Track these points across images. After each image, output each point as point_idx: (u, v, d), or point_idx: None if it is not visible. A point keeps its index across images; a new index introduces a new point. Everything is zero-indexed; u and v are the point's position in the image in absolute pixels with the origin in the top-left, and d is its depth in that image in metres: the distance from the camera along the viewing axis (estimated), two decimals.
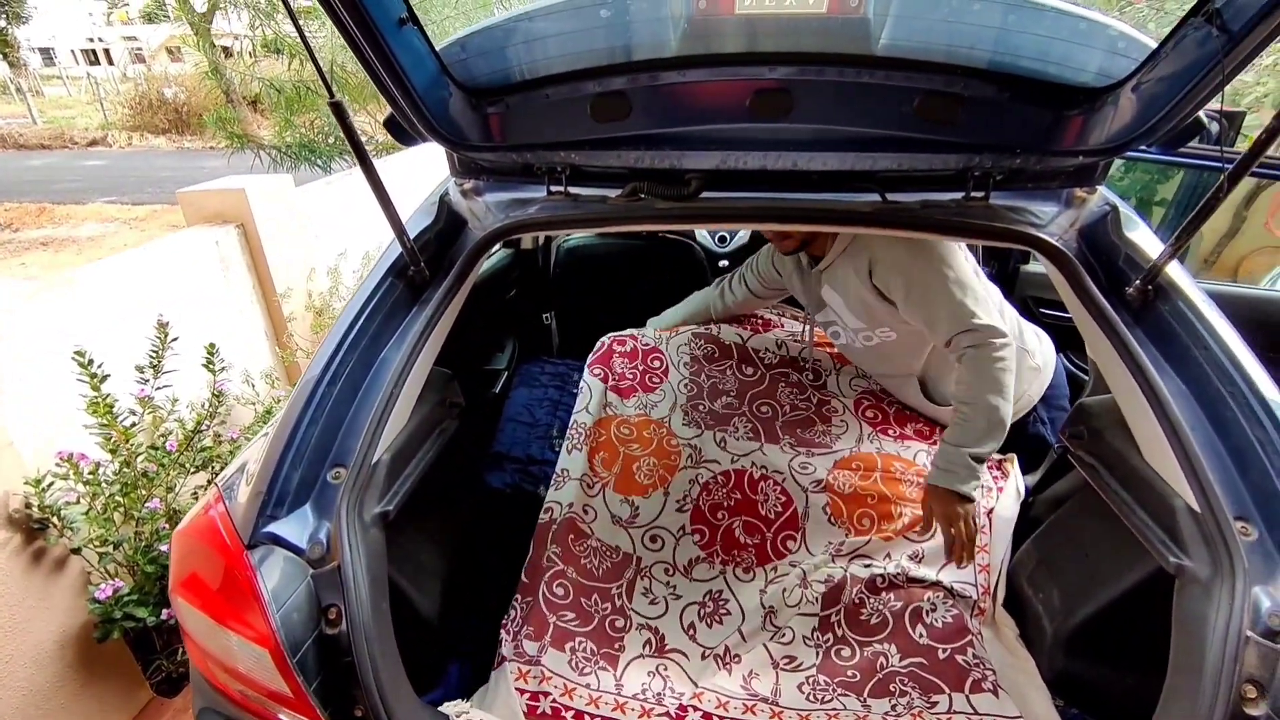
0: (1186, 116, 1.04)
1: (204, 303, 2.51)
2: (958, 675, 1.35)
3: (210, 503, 1.09)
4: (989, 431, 1.44)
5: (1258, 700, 0.86)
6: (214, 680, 1.08)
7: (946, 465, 1.46)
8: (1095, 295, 1.16)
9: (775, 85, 1.13)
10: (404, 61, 1.05)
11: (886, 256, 1.53)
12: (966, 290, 1.47)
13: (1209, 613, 0.92)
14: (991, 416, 1.44)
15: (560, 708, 1.31)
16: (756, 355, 1.99)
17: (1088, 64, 1.09)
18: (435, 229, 1.32)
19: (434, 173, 2.12)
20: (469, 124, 1.21)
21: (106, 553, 1.80)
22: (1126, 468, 1.18)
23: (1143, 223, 1.21)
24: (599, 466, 1.76)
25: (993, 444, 1.46)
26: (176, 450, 1.98)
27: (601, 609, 1.52)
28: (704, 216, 1.32)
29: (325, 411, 1.12)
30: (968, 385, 1.48)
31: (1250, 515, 0.96)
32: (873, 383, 1.92)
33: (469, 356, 2.35)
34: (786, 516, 1.63)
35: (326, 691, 0.99)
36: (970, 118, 1.13)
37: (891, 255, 1.52)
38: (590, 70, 1.15)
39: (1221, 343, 1.07)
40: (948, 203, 1.27)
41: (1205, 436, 1.02)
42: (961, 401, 1.49)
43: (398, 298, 1.26)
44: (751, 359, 1.98)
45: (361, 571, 1.02)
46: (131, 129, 15.59)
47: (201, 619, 0.99)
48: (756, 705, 1.34)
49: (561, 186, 1.32)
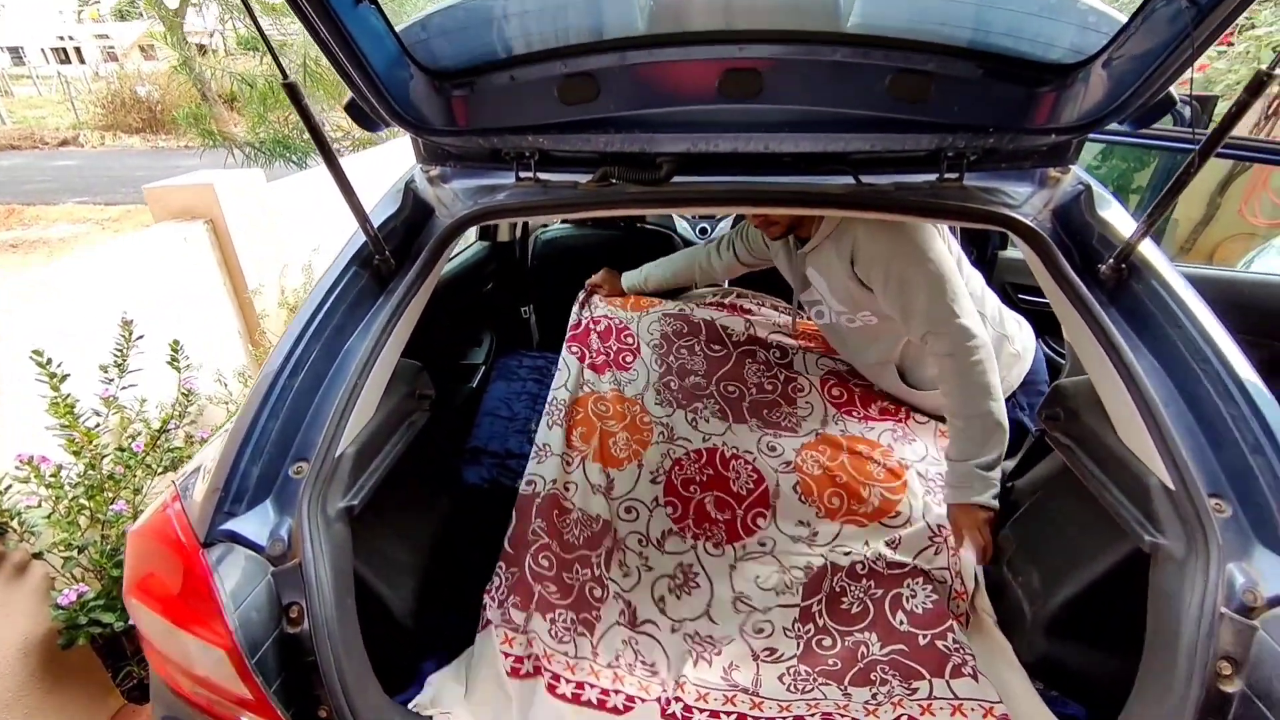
0: (1157, 92, 1.03)
1: (173, 301, 2.45)
2: (938, 661, 1.34)
3: (167, 502, 1.06)
4: (988, 437, 1.42)
5: (1233, 676, 0.85)
6: (174, 685, 1.04)
7: (957, 482, 1.44)
8: (1069, 275, 1.15)
9: (744, 65, 1.11)
10: (362, 42, 1.01)
11: (868, 248, 1.52)
12: (944, 288, 1.45)
13: (1184, 590, 0.91)
14: (986, 422, 1.42)
15: (541, 669, 1.33)
16: (725, 333, 1.99)
17: (1059, 40, 1.07)
18: (401, 217, 1.28)
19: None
20: (432, 107, 1.18)
21: (71, 557, 1.75)
22: (1102, 448, 1.18)
23: (1116, 202, 1.21)
24: (578, 441, 1.76)
25: (997, 448, 1.43)
26: (143, 451, 1.92)
27: (581, 576, 1.53)
28: (676, 201, 1.30)
29: (286, 405, 1.09)
30: (953, 396, 1.47)
31: (1224, 492, 0.95)
32: (839, 362, 1.92)
33: (444, 351, 2.31)
34: (758, 494, 1.63)
35: (289, 693, 0.95)
36: (942, 97, 1.12)
37: (873, 247, 1.51)
38: (556, 50, 1.12)
39: (1195, 320, 1.06)
40: (922, 184, 1.26)
41: (1179, 414, 1.02)
42: (952, 414, 1.48)
43: (362, 287, 1.22)
44: (720, 337, 1.98)
45: (325, 568, 0.99)
46: (104, 128, 15.31)
47: (157, 621, 0.95)
48: (737, 696, 1.33)
49: (530, 172, 1.29)
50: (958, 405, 1.46)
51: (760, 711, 1.29)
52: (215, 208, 2.65)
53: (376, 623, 1.27)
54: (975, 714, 1.24)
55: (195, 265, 2.58)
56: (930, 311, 1.46)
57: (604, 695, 1.31)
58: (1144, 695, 0.96)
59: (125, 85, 15.58)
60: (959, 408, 1.46)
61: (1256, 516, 0.93)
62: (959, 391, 1.45)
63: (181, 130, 9.31)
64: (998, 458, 1.43)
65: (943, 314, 1.45)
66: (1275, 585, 0.87)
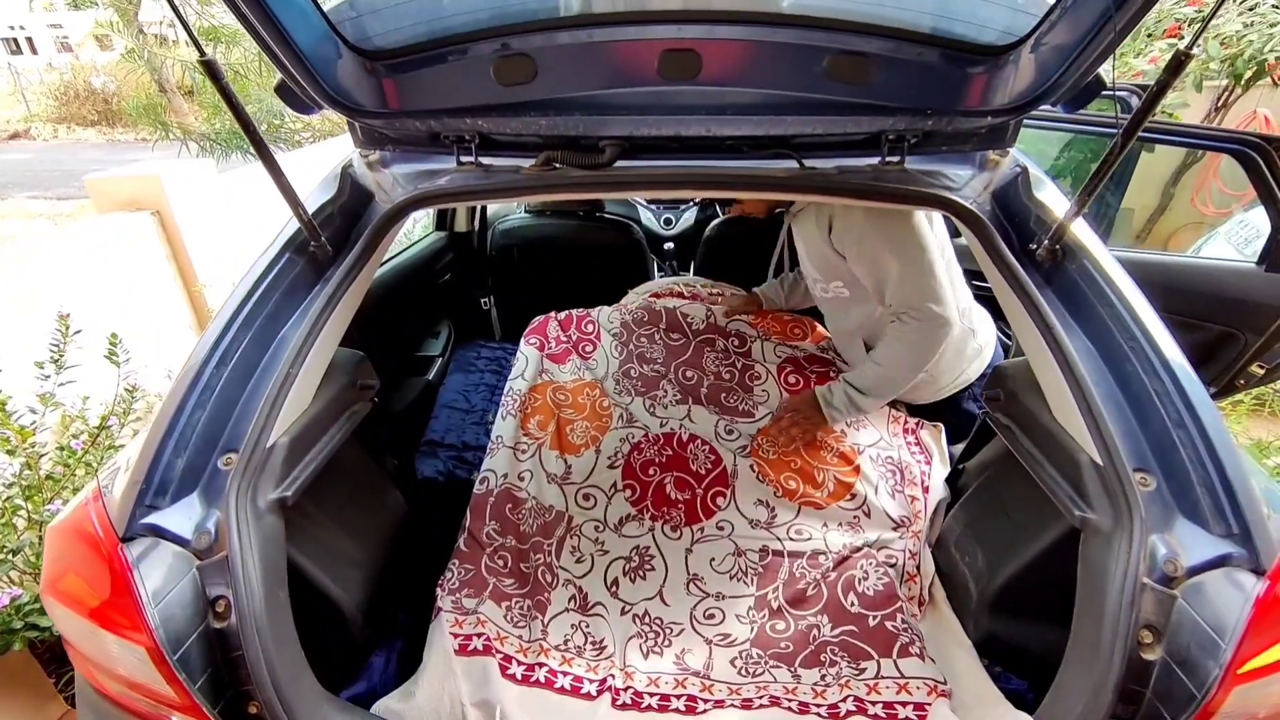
0: (1086, 74, 1.04)
1: (120, 295, 2.37)
2: (886, 641, 1.36)
3: (88, 498, 1.02)
4: (878, 387, 1.58)
5: (1154, 645, 0.87)
6: (99, 687, 1.00)
7: (827, 390, 1.64)
8: (1007, 256, 1.16)
9: (683, 46, 1.10)
10: (284, 18, 0.98)
11: (844, 217, 1.55)
12: (913, 261, 1.47)
13: (1109, 562, 0.93)
14: (889, 373, 1.56)
15: (491, 647, 1.33)
16: (685, 321, 1.99)
17: (991, 22, 1.08)
18: (338, 203, 1.25)
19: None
20: (364, 89, 1.15)
21: (5, 560, 1.68)
22: (1038, 427, 1.19)
23: (1051, 183, 1.22)
24: (534, 429, 1.76)
25: (875, 399, 1.60)
26: (82, 450, 1.86)
27: (535, 563, 1.53)
28: (620, 184, 1.28)
29: (215, 395, 1.05)
30: (887, 349, 1.55)
31: (1149, 466, 0.97)
32: (797, 349, 1.93)
33: (400, 342, 2.28)
34: (716, 474, 1.64)
35: (218, 690, 0.93)
36: (880, 79, 1.12)
37: (849, 218, 1.53)
38: (490, 29, 1.10)
39: (1124, 299, 1.08)
40: (864, 167, 1.26)
41: (1108, 391, 1.04)
42: (874, 359, 1.57)
43: (297, 274, 1.19)
44: (680, 325, 1.99)
45: (254, 560, 0.96)
46: (57, 121, 14.80)
47: (76, 620, 0.92)
48: (687, 679, 1.33)
49: (472, 156, 1.27)
50: (883, 354, 1.57)
51: (710, 694, 1.29)
52: (162, 199, 2.57)
53: (321, 617, 1.24)
54: (921, 691, 1.26)
55: (142, 258, 2.50)
56: (900, 291, 1.49)
57: (552, 675, 1.30)
58: (1072, 665, 0.98)
59: (79, 77, 15.07)
60: (883, 356, 1.57)
61: (1178, 489, 0.95)
62: (893, 351, 1.55)
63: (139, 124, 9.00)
64: (866, 403, 1.60)
65: (912, 296, 1.48)
66: (1195, 556, 0.89)
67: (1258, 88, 4.51)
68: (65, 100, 14.91)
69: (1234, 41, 4.15)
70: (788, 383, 1.85)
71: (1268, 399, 3.39)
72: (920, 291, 1.47)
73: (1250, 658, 0.83)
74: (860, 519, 1.56)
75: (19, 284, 1.99)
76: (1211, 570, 0.88)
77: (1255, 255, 2.04)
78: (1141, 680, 0.87)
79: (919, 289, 1.47)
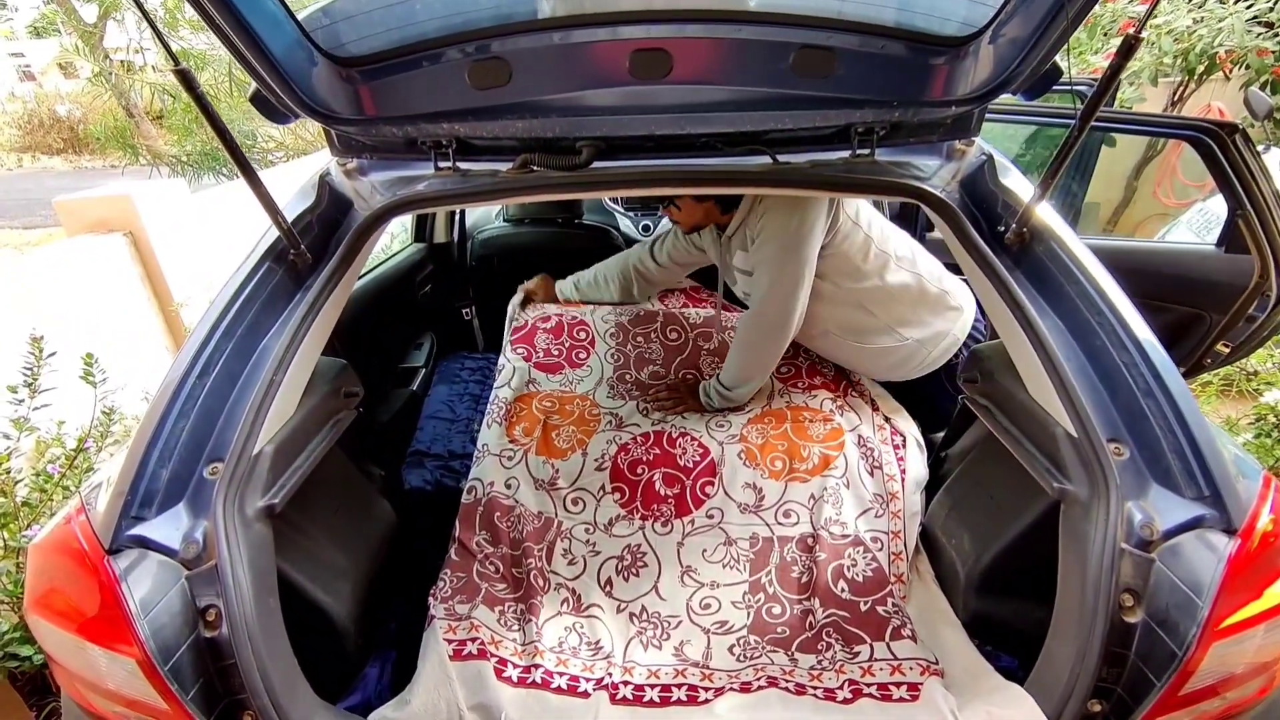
0: (1043, 63, 1.08)
1: (94, 317, 2.34)
2: (878, 625, 1.38)
3: (71, 514, 1.01)
4: (737, 382, 1.75)
5: (1135, 608, 0.90)
6: (86, 704, 0.98)
7: (703, 388, 1.81)
8: (977, 242, 1.20)
9: (652, 45, 1.12)
10: (258, 26, 0.99)
11: (756, 227, 1.64)
12: (781, 285, 1.62)
13: (1088, 530, 0.96)
14: (741, 370, 1.74)
15: (485, 651, 1.32)
16: (683, 318, 2.03)
17: (951, 15, 1.12)
18: (316, 211, 1.26)
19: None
20: (340, 96, 1.15)
21: None
22: (1015, 405, 1.23)
23: (1015, 169, 1.26)
24: (520, 435, 1.76)
25: (742, 390, 1.75)
26: (59, 474, 1.83)
27: (527, 568, 1.53)
28: (598, 185, 1.30)
29: (198, 405, 1.05)
30: (734, 350, 1.75)
31: (1122, 436, 1.00)
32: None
33: (383, 353, 2.27)
34: (704, 465, 1.66)
35: (210, 699, 0.92)
36: (846, 72, 1.15)
37: (762, 227, 1.63)
38: (464, 34, 1.11)
39: (1090, 277, 1.12)
40: (836, 160, 1.29)
41: (1079, 366, 1.07)
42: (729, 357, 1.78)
43: (277, 284, 1.19)
44: (677, 320, 2.03)
45: (243, 568, 0.96)
46: (21, 150, 14.51)
47: (62, 636, 0.91)
48: (687, 669, 1.34)
49: (449, 161, 1.27)
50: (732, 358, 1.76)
51: (710, 683, 1.30)
52: (135, 220, 2.54)
53: (313, 629, 1.23)
54: (914, 672, 1.27)
55: (116, 280, 2.47)
56: (764, 293, 1.66)
57: (548, 676, 1.30)
58: (1058, 633, 1.00)
59: (44, 105, 14.81)
60: (732, 359, 1.76)
61: (1150, 457, 0.98)
62: (737, 354, 1.75)
63: (106, 150, 8.88)
64: (730, 395, 1.76)
65: (769, 302, 1.65)
66: (1170, 520, 0.92)
67: (1210, 81, 4.66)
68: (30, 129, 14.63)
69: (1185, 37, 4.29)
70: (779, 373, 1.89)
71: (1235, 379, 3.49)
72: (773, 300, 1.64)
73: (1227, 615, 0.86)
74: (841, 491, 1.58)
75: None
76: (1186, 532, 0.91)
77: (1215, 239, 2.12)
78: (1124, 643, 0.90)
79: (772, 296, 1.64)
